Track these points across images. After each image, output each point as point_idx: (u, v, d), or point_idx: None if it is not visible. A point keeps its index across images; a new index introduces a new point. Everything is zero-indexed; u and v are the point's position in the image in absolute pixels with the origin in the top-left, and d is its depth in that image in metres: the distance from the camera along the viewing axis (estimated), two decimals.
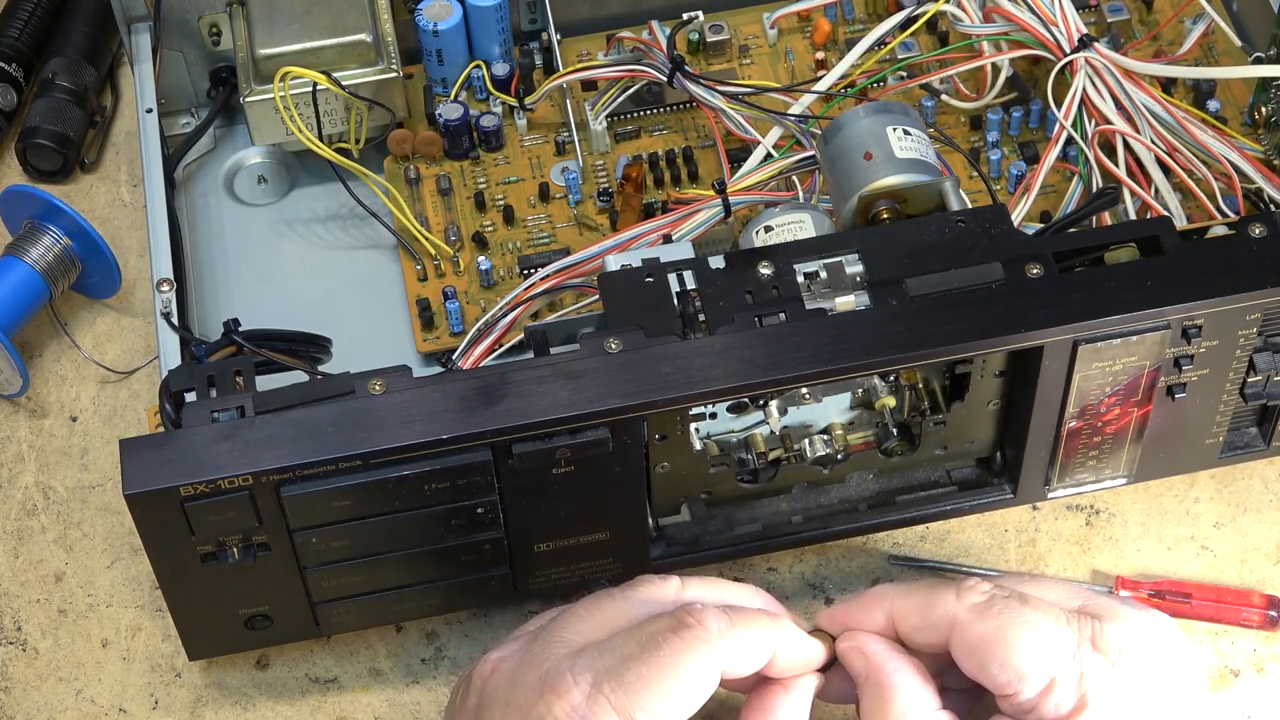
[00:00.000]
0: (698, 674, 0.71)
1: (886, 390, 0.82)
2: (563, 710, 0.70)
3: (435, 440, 0.74)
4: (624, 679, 0.70)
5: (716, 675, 0.72)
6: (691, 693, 0.71)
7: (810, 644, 0.75)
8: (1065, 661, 0.72)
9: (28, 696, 0.85)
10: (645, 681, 0.70)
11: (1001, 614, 0.73)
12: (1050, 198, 0.95)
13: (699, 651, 0.71)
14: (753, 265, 0.80)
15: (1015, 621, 0.73)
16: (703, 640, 0.71)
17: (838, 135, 0.88)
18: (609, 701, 0.70)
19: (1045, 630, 0.73)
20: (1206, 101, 0.98)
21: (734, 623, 0.72)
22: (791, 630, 0.75)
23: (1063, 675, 0.72)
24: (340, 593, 0.81)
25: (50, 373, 0.96)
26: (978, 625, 0.73)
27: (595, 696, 0.70)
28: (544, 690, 0.71)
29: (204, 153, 1.02)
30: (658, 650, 0.71)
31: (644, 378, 0.76)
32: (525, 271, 0.94)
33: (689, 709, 0.71)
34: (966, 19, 0.97)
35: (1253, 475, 0.90)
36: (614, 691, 0.70)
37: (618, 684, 0.70)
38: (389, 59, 0.98)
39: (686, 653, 0.71)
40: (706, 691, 0.71)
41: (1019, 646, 0.72)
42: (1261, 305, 0.79)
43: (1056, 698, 0.72)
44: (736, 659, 0.72)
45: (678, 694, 0.70)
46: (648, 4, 1.03)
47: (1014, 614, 0.73)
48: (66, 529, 0.90)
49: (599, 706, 0.70)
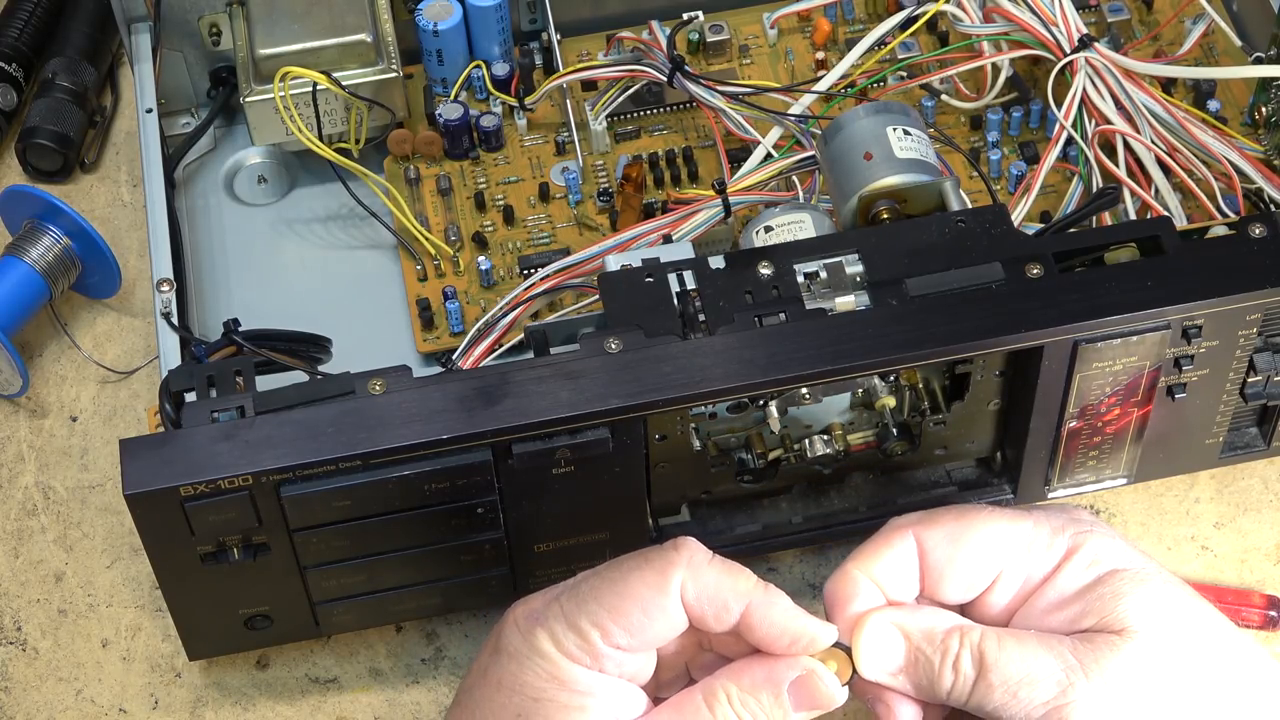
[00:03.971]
0: (650, 595, 0.71)
1: (886, 390, 0.82)
2: (522, 612, 0.73)
3: (435, 440, 0.74)
4: (579, 590, 0.72)
5: (674, 602, 0.71)
6: (641, 612, 0.71)
7: (803, 619, 0.72)
8: (1029, 528, 0.75)
9: (28, 696, 0.85)
10: (596, 594, 0.72)
11: (949, 513, 0.76)
12: (1050, 198, 0.95)
13: (658, 573, 0.72)
14: (753, 265, 0.80)
15: (965, 511, 0.76)
16: (665, 562, 0.72)
17: (838, 135, 0.88)
18: (560, 607, 0.72)
19: (995, 510, 0.76)
20: (1206, 101, 0.98)
21: (711, 561, 0.72)
22: (781, 599, 0.73)
23: (1039, 535, 0.75)
24: (340, 593, 0.81)
25: (50, 373, 0.96)
26: (937, 533, 0.75)
27: (550, 603, 0.72)
28: (527, 597, 0.74)
29: (204, 153, 1.02)
30: (620, 568, 0.72)
31: (644, 378, 0.76)
32: (525, 271, 0.94)
33: (640, 629, 0.71)
34: (966, 19, 0.97)
35: (1253, 475, 0.90)
36: (568, 600, 0.72)
37: (573, 594, 0.72)
38: (389, 59, 0.98)
39: (644, 572, 0.72)
40: (659, 614, 0.71)
41: (981, 520, 0.75)
42: (1261, 305, 0.79)
43: (1045, 541, 0.75)
44: (699, 594, 0.71)
45: (626, 611, 0.71)
46: (648, 4, 1.03)
47: (965, 509, 0.76)
48: (66, 529, 0.90)
49: (551, 611, 0.72)
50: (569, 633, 0.71)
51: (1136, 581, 0.73)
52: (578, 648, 0.71)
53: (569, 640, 0.71)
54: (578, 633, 0.71)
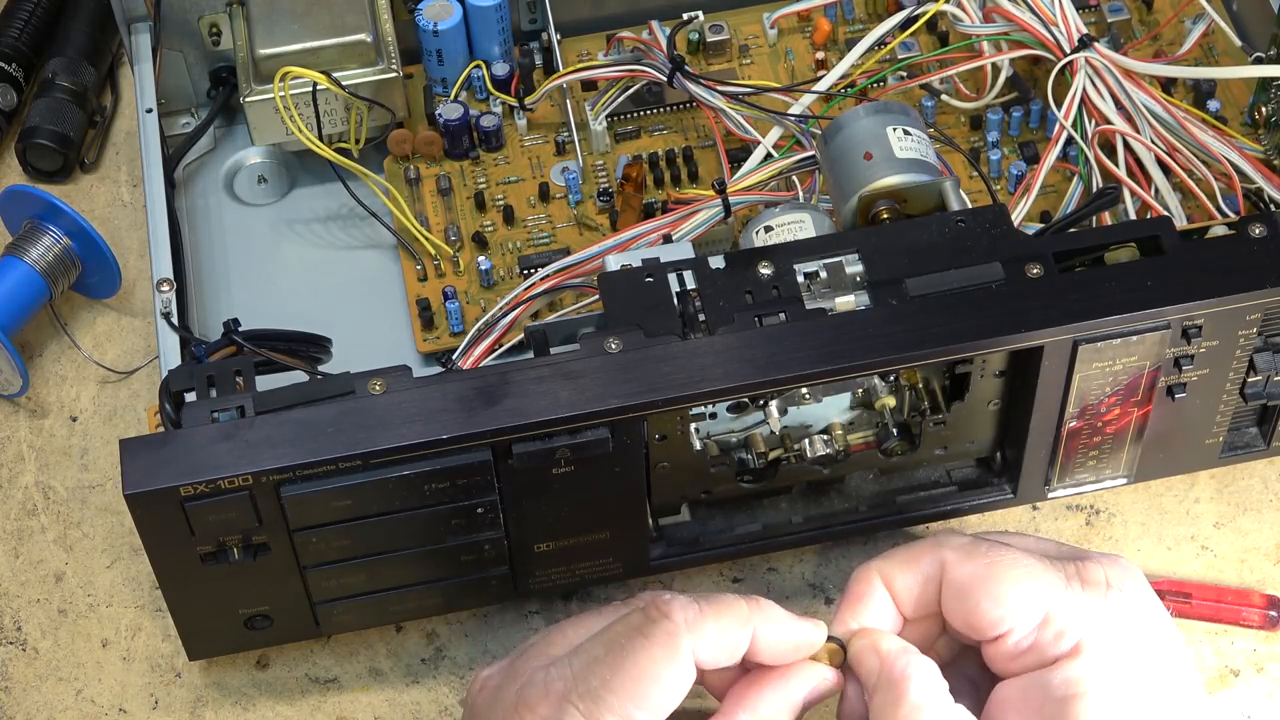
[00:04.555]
0: (665, 670, 0.70)
1: (886, 390, 0.82)
2: (520, 709, 0.70)
3: (435, 440, 0.74)
4: (590, 685, 0.69)
5: (688, 667, 0.70)
6: (661, 690, 0.70)
7: (800, 626, 0.73)
8: (1057, 596, 0.72)
9: (28, 696, 0.85)
10: (610, 685, 0.69)
11: (989, 553, 0.74)
12: (1050, 198, 0.95)
13: (665, 646, 0.70)
14: (753, 265, 0.80)
15: (1002, 560, 0.73)
16: (668, 634, 0.70)
17: (838, 135, 0.88)
18: (577, 710, 0.69)
19: (1032, 568, 0.73)
20: (1206, 101, 0.98)
21: (703, 611, 0.71)
22: (774, 611, 0.73)
23: (1057, 610, 0.72)
24: (340, 593, 0.81)
25: (50, 373, 0.96)
26: (966, 565, 0.73)
27: (562, 706, 0.69)
28: (518, 704, 0.70)
29: (204, 153, 1.02)
30: (622, 651, 0.70)
31: (644, 378, 0.76)
32: (525, 271, 0.94)
33: (662, 705, 0.70)
34: (966, 19, 0.97)
35: (1253, 475, 0.90)
36: (581, 699, 0.69)
37: (585, 691, 0.69)
38: (389, 59, 0.98)
39: (651, 649, 0.70)
40: (680, 685, 0.70)
41: (1009, 581, 0.72)
42: (1261, 305, 0.79)
43: (1054, 631, 0.72)
44: (709, 647, 0.71)
45: (646, 693, 0.69)
46: (648, 4, 1.03)
47: (1000, 553, 0.74)
48: (66, 529, 0.90)
49: (566, 713, 0.69)
50: None
51: None
52: None
53: None
54: None
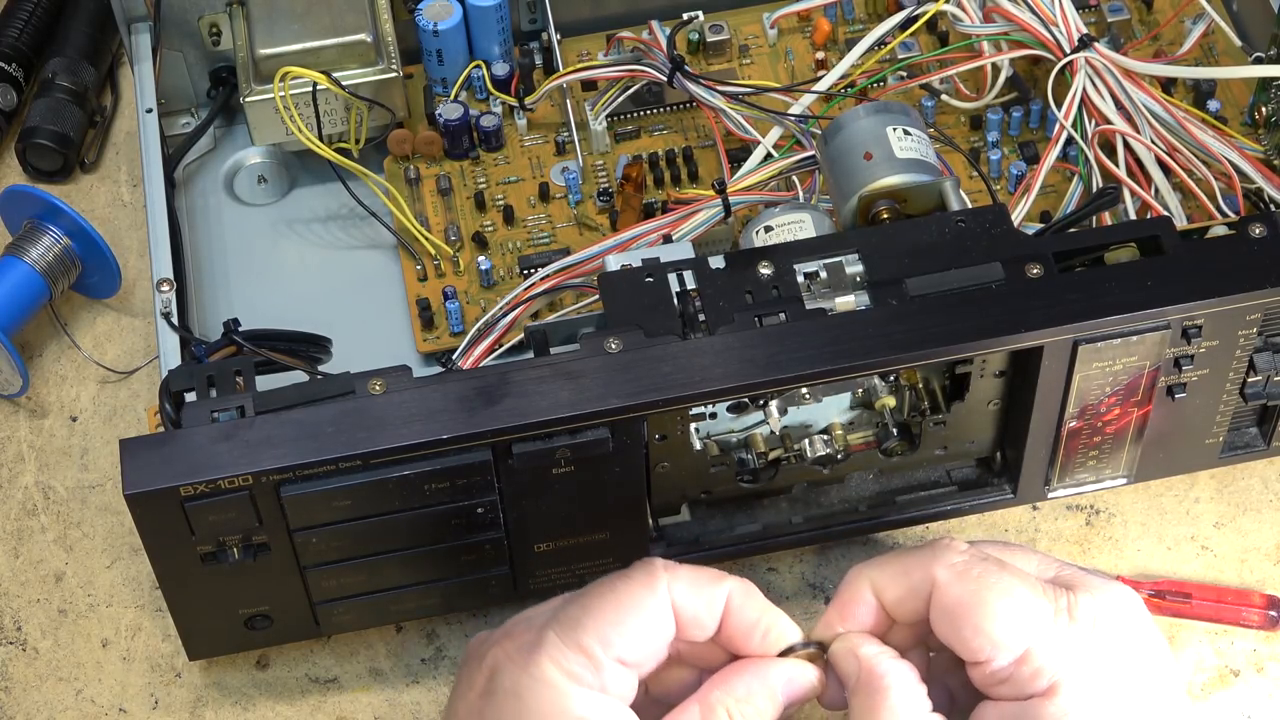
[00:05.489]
0: (644, 599, 0.72)
1: (886, 390, 0.82)
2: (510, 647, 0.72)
3: (435, 440, 0.75)
4: (570, 612, 0.72)
5: (665, 604, 0.72)
6: (639, 619, 0.72)
7: (775, 612, 0.74)
8: (1041, 632, 0.72)
9: (28, 696, 0.85)
10: (589, 610, 0.72)
11: (980, 578, 0.73)
12: (1050, 198, 0.95)
13: (643, 581, 0.72)
14: (753, 265, 0.80)
15: (993, 587, 0.72)
16: (647, 570, 0.73)
17: (838, 135, 0.88)
18: (555, 634, 0.71)
19: (1022, 598, 0.72)
20: (1206, 101, 0.98)
21: (688, 567, 0.73)
22: (753, 588, 0.74)
23: (1038, 646, 0.71)
24: (340, 593, 0.81)
25: (50, 373, 0.96)
26: (955, 588, 0.73)
27: (543, 633, 0.72)
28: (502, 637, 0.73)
29: (204, 153, 1.02)
30: (602, 585, 0.73)
31: (644, 378, 0.76)
32: (525, 271, 0.94)
33: (639, 636, 0.72)
34: (966, 19, 0.97)
35: (1253, 475, 0.90)
36: (561, 626, 0.72)
37: (564, 618, 0.72)
38: (389, 59, 0.98)
39: (630, 584, 0.72)
40: (656, 620, 0.72)
41: (995, 613, 0.72)
42: (1261, 305, 0.79)
43: (1032, 668, 0.71)
44: (685, 591, 0.72)
45: (623, 619, 0.71)
46: (648, 4, 1.03)
47: (992, 579, 0.73)
48: (66, 529, 0.90)
49: (546, 639, 0.71)
50: (571, 654, 0.71)
51: None
52: (582, 667, 0.71)
53: (573, 662, 0.70)
54: (580, 650, 0.71)
